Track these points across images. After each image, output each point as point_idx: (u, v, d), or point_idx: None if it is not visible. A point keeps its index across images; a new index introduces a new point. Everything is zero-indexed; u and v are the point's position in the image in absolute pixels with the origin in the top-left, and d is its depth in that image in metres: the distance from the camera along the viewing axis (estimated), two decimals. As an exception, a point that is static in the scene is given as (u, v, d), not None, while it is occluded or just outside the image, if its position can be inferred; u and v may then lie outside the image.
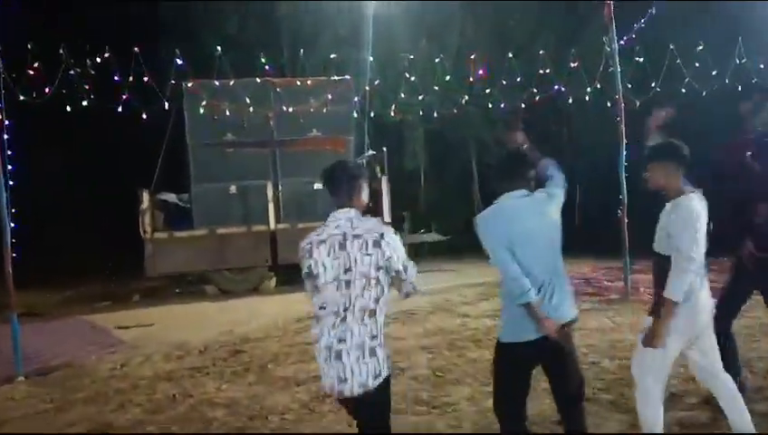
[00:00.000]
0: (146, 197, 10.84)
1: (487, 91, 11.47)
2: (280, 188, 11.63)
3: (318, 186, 11.81)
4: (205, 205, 11.24)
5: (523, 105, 11.29)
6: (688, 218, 3.36)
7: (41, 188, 7.98)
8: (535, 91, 10.67)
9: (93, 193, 12.93)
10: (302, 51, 12.05)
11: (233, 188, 11.45)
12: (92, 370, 6.55)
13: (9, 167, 6.45)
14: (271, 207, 11.42)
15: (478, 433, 4.30)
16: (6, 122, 6.37)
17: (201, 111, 10.79)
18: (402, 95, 11.90)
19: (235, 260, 11.27)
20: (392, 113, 12.28)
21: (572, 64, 10.44)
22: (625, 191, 8.27)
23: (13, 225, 6.32)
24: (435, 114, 13.17)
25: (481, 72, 11.02)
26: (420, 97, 12.12)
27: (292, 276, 11.78)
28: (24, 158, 7.06)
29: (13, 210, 6.42)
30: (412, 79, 11.21)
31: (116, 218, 11.50)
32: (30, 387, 6.03)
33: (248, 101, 10.88)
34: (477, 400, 4.89)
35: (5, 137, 6.37)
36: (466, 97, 11.23)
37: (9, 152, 6.42)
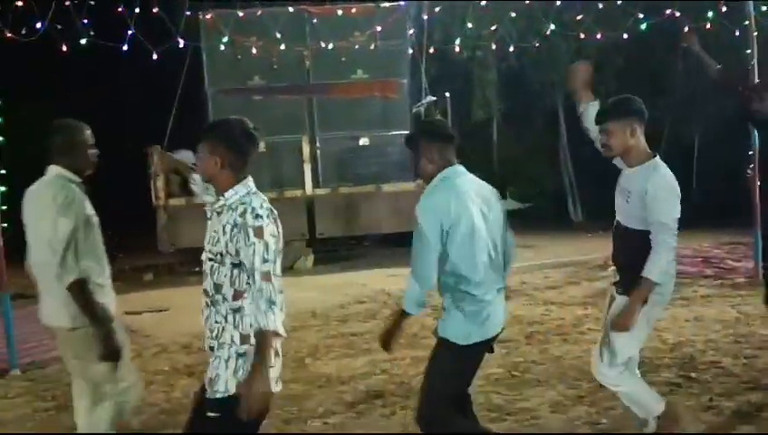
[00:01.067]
0: (157, 156, 11.04)
1: (579, 18, 11.18)
2: (318, 144, 11.72)
3: (365, 141, 11.90)
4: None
5: (625, 35, 11.01)
6: (671, 186, 3.68)
7: (32, 146, 8.15)
8: (641, 17, 10.35)
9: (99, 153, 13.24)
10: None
11: (261, 145, 11.54)
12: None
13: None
14: (307, 168, 11.51)
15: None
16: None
17: (222, 48, 10.87)
18: (470, 25, 11.70)
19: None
20: (457, 48, 12.11)
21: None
22: (757, 144, 8.01)
23: (2, 188, 6.55)
24: (511, 49, 12.93)
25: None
26: (493, 27, 11.91)
27: (332, 253, 11.91)
28: (11, 109, 7.27)
29: (1, 171, 6.64)
30: (482, 4, 10.98)
31: (122, 182, 11.74)
32: (26, 382, 6.30)
33: (279, 35, 10.89)
34: (563, 406, 4.92)
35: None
36: (552, 26, 10.95)
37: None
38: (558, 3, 10.63)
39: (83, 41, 8.01)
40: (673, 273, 3.81)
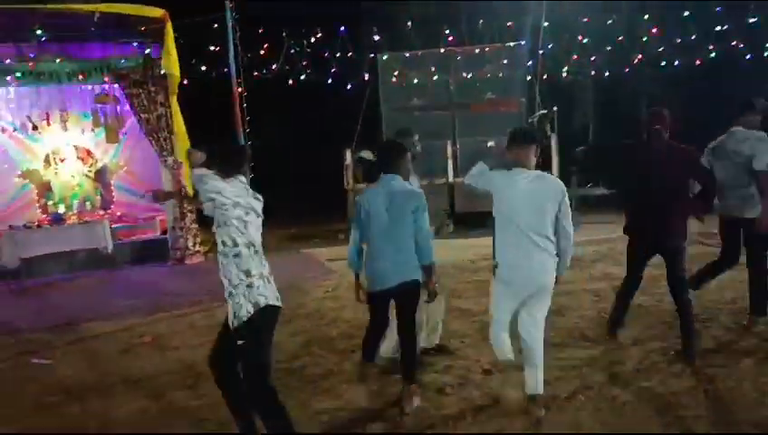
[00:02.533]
0: (348, 154, 11.52)
1: (660, 49, 10.55)
2: (457, 145, 11.78)
3: (491, 143, 11.81)
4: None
5: (698, 62, 10.27)
6: None
7: (270, 147, 8.84)
8: (711, 48, 9.63)
9: (310, 152, 13.99)
10: (480, 21, 11.92)
11: (418, 147, 11.75)
12: (310, 291, 7.24)
13: (247, 129, 7.23)
14: (449, 163, 11.61)
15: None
16: (245, 93, 7.11)
17: (393, 79, 11.16)
18: (575, 57, 11.35)
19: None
20: (564, 75, 11.78)
21: (751, 20, 9.25)
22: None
23: (251, 176, 7.11)
24: (606, 74, 12.40)
25: (654, 29, 10.13)
26: (592, 58, 11.49)
27: (466, 224, 11.99)
28: (256, 122, 7.85)
29: (251, 165, 7.20)
30: (584, 41, 10.64)
31: (326, 172, 12.29)
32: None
33: (432, 69, 11.06)
34: (642, 340, 4.76)
35: (245, 105, 7.13)
36: (639, 56, 10.42)
37: (248, 117, 7.17)
38: (644, 39, 10.10)
39: (303, 76, 8.55)
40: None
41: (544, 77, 12.04)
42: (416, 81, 11.28)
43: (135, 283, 8.51)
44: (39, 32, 8.04)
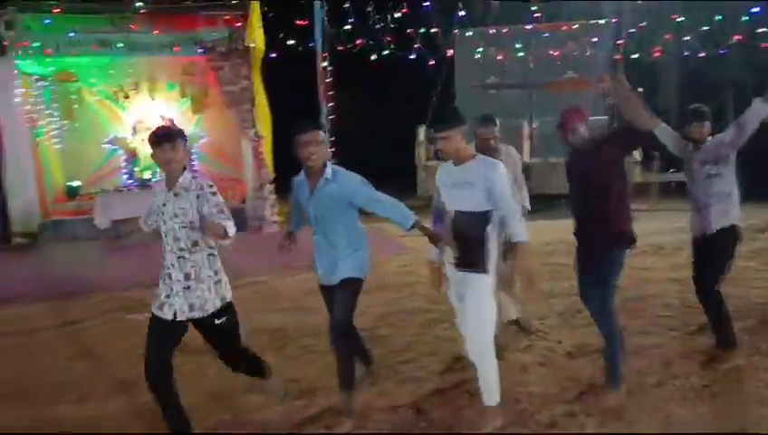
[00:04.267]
0: (421, 131, 11.56)
1: (759, 30, 9.96)
2: (534, 125, 11.60)
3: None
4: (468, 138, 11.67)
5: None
6: None
7: (350, 122, 8.99)
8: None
9: (386, 127, 14.06)
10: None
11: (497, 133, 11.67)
12: (384, 266, 7.39)
13: (330, 103, 7.39)
14: (526, 143, 11.48)
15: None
16: (330, 68, 7.26)
17: (474, 56, 11.06)
18: (666, 36, 10.89)
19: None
20: (652, 54, 11.32)
21: None
22: None
23: (332, 149, 7.28)
24: (699, 55, 11.83)
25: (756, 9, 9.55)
26: (686, 38, 10.97)
27: (541, 206, 11.81)
28: (338, 96, 7.99)
29: (331, 139, 7.37)
30: (678, 20, 10.17)
31: (401, 148, 12.35)
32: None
33: (515, 46, 10.89)
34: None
35: (328, 79, 7.29)
36: (735, 38, 9.86)
37: (331, 92, 7.32)
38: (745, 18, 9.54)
39: (386, 52, 8.61)
40: None
41: (631, 56, 11.63)
42: (498, 58, 11.11)
43: (222, 249, 8.88)
44: (138, 4, 8.42)
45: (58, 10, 9.44)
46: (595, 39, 10.76)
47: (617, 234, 3.63)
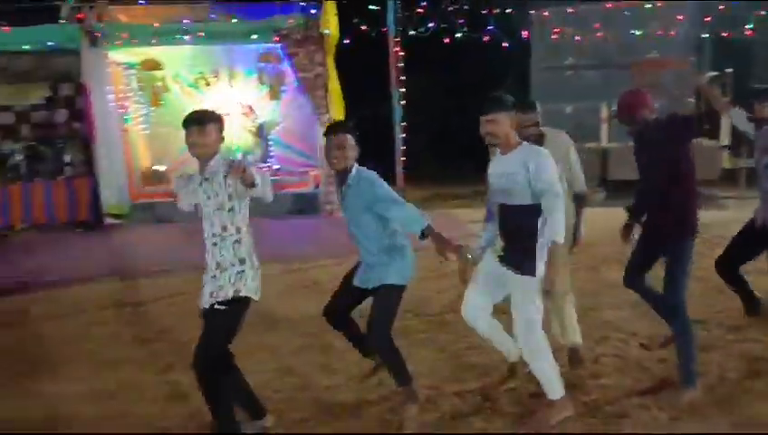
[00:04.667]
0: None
1: None
2: (613, 108, 11.15)
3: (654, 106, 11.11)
4: (542, 122, 11.36)
5: None
6: None
7: (421, 106, 8.95)
8: None
9: (456, 110, 13.91)
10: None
11: (568, 108, 11.37)
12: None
13: (401, 88, 7.38)
14: (604, 126, 11.07)
15: None
16: (401, 52, 7.24)
17: (549, 36, 10.74)
18: (763, 12, 10.13)
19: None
20: (743, 32, 10.58)
21: None
22: None
23: (403, 135, 7.28)
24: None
25: None
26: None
27: (619, 192, 11.39)
28: (410, 80, 7.97)
29: (403, 123, 7.37)
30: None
31: (469, 132, 12.17)
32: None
33: (595, 26, 10.48)
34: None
35: (399, 64, 7.28)
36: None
37: (402, 77, 7.31)
38: None
39: (458, 34, 8.51)
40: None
41: (722, 35, 10.91)
42: (576, 38, 10.71)
43: (294, 232, 9.12)
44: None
45: (144, 1, 9.90)
46: (680, 17, 10.16)
47: (682, 223, 3.46)
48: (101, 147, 10.08)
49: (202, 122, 3.01)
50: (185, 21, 10.02)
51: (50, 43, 9.59)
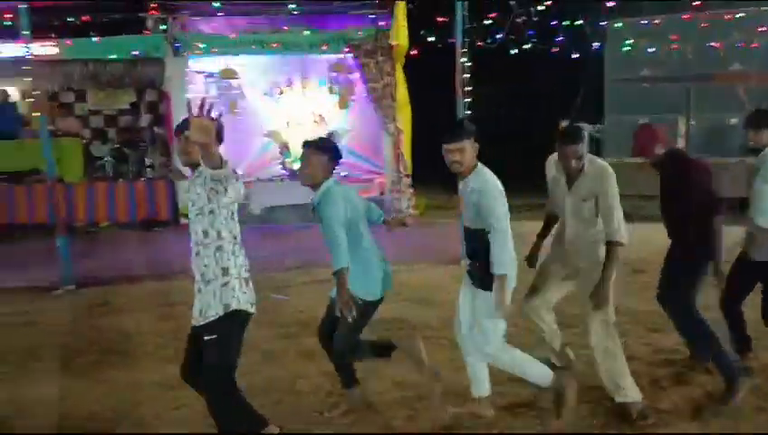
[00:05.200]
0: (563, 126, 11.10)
1: None
2: (692, 122, 10.69)
3: (734, 121, 10.52)
4: (615, 135, 11.06)
5: None
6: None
7: (487, 117, 8.90)
8: None
9: (522, 121, 13.70)
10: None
11: (643, 122, 10.99)
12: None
13: (466, 99, 7.35)
14: (680, 141, 10.61)
15: None
16: (468, 63, 7.22)
17: (624, 48, 10.43)
18: None
19: (644, 187, 10.86)
20: None
21: None
22: None
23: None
24: None
25: None
26: None
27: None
28: (476, 91, 7.93)
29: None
30: None
31: (540, 144, 11.98)
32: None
33: (671, 37, 10.10)
34: None
35: (466, 76, 7.26)
36: None
37: (468, 88, 7.29)
38: None
39: (527, 45, 8.40)
40: None
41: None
42: (649, 50, 10.35)
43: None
44: (291, 6, 9.00)
45: (222, 13, 10.35)
46: (763, 28, 9.61)
47: (694, 249, 3.60)
48: (180, 152, 10.55)
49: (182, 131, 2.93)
50: (261, 32, 10.40)
51: (135, 53, 10.15)
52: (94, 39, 10.04)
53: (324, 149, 3.39)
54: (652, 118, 10.80)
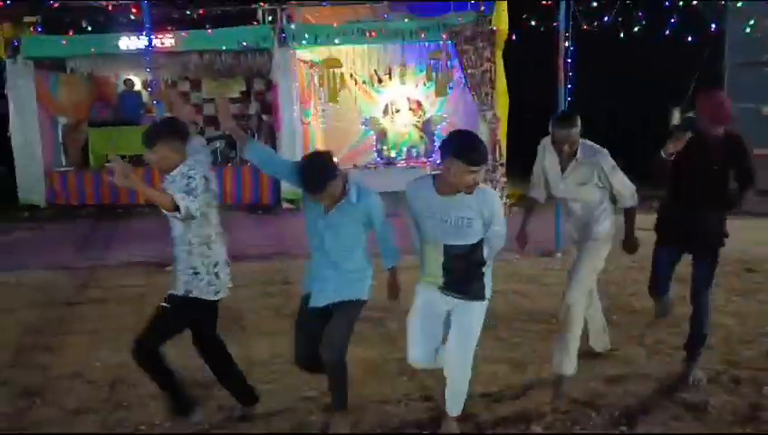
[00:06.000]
0: (676, 115, 10.40)
1: None
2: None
3: None
4: (735, 125, 10.16)
5: None
6: None
7: (591, 102, 8.47)
8: None
9: (627, 108, 12.90)
10: None
11: (766, 109, 10.05)
12: (614, 259, 6.87)
13: (568, 85, 7.06)
14: (811, 130, 9.58)
15: None
16: (571, 48, 6.92)
17: (747, 30, 9.52)
18: None
19: (759, 182, 9.94)
20: None
21: None
22: None
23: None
24: None
25: None
26: None
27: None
28: (580, 77, 7.59)
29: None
30: None
31: (651, 133, 11.30)
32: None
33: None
34: None
35: (569, 60, 6.96)
36: None
37: (570, 73, 6.99)
38: None
39: (636, 28, 7.91)
40: None
41: None
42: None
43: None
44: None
45: (327, 3, 10.57)
46: None
47: None
48: (284, 138, 10.94)
49: (148, 140, 3.12)
50: (363, 20, 10.52)
51: (245, 43, 10.60)
52: (208, 31, 10.58)
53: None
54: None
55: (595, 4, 7.42)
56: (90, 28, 10.55)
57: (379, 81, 11.57)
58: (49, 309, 5.67)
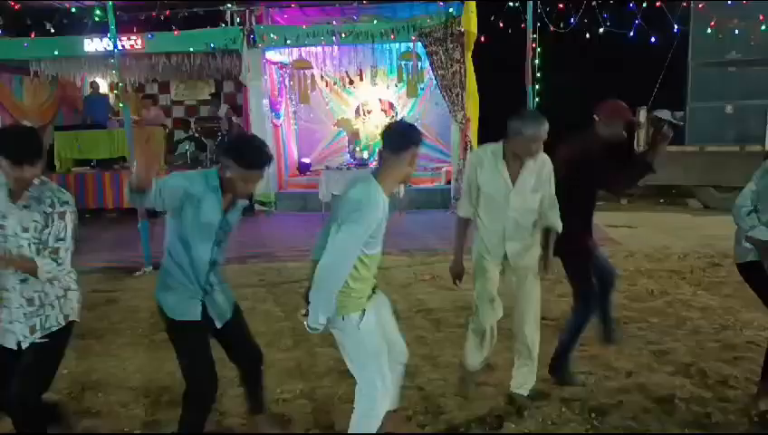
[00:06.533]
0: (642, 113, 10.57)
1: None
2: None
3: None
4: (698, 122, 10.43)
5: None
6: None
7: (558, 104, 8.59)
8: None
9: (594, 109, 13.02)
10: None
11: (729, 108, 10.33)
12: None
13: (536, 86, 7.15)
14: (771, 128, 9.88)
15: None
16: (538, 49, 7.01)
17: (708, 30, 9.77)
18: None
19: (723, 178, 10.23)
20: None
21: None
22: None
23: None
24: None
25: None
26: None
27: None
28: (547, 79, 7.69)
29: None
30: None
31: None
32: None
33: (761, 17, 9.36)
34: None
35: (536, 61, 7.05)
36: None
37: (537, 74, 7.08)
38: None
39: (601, 29, 8.05)
40: None
41: None
42: (736, 32, 9.64)
43: (424, 226, 9.17)
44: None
45: (295, 5, 10.52)
46: None
47: None
48: (254, 140, 10.82)
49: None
50: (333, 22, 10.50)
51: (213, 45, 10.47)
52: (174, 33, 10.43)
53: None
54: (739, 104, 10.16)
55: (561, 5, 7.54)
56: (53, 30, 10.32)
57: (350, 82, 11.56)
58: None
